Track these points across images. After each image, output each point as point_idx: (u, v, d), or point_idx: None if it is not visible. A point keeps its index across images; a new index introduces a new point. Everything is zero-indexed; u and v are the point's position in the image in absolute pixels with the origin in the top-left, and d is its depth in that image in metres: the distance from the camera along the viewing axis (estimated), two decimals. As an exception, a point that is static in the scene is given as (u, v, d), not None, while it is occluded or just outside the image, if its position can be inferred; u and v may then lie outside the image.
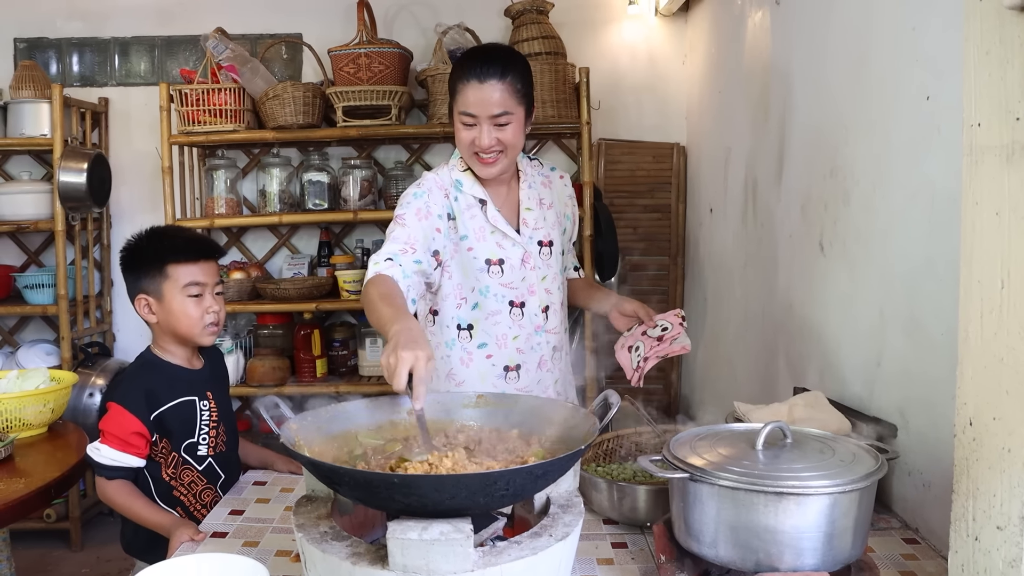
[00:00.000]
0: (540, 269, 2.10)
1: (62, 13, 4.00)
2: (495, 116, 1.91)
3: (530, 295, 2.08)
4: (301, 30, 3.95)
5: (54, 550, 3.71)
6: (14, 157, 4.04)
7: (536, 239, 2.10)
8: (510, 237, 2.06)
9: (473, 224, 2.04)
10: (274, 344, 3.78)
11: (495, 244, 2.05)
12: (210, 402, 2.07)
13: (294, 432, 1.31)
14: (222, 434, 2.09)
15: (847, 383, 1.99)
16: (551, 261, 2.12)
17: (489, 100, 1.90)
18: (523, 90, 1.95)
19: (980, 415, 1.01)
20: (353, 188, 3.73)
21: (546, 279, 2.11)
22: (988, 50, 0.98)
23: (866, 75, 1.92)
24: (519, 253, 2.07)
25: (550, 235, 2.12)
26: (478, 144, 1.94)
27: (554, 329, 2.13)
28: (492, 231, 2.05)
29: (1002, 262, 0.97)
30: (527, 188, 2.12)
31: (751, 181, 2.84)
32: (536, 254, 2.10)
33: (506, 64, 1.93)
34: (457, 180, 2.06)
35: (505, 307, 2.07)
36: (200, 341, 2.06)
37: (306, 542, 1.18)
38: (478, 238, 2.04)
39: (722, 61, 3.30)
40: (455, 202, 2.05)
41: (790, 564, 1.21)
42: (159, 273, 2.00)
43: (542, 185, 2.16)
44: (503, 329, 2.08)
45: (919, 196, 1.67)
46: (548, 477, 1.21)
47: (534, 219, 2.10)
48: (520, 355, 2.09)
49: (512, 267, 2.06)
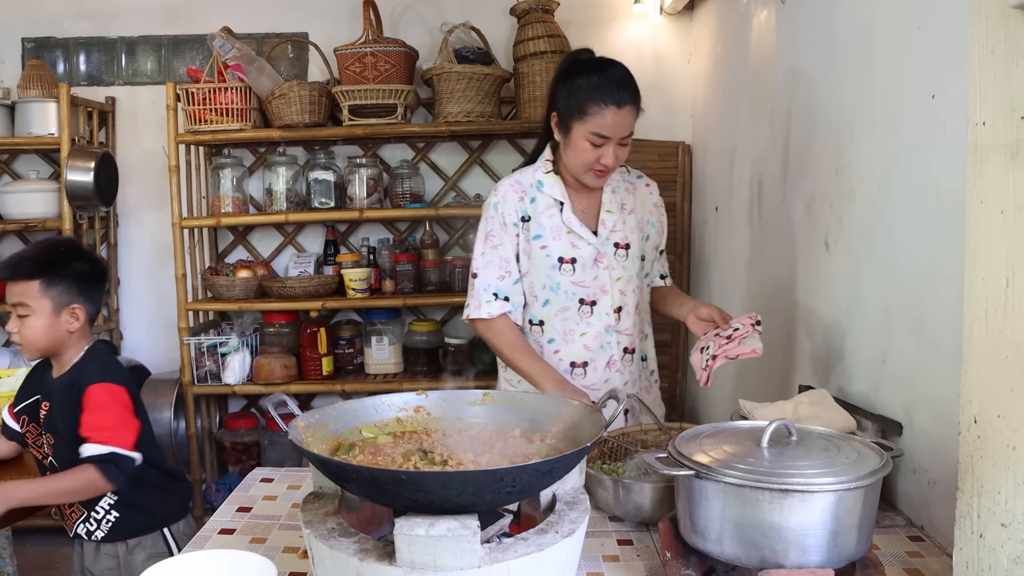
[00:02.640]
0: (615, 270, 2.16)
1: (69, 13, 4.01)
2: (623, 138, 2.03)
3: (602, 294, 2.15)
4: (307, 29, 3.96)
5: (60, 548, 3.72)
6: (22, 156, 4.05)
7: (613, 240, 2.17)
8: (584, 238, 2.14)
9: (549, 223, 2.14)
10: (280, 342, 3.80)
11: (569, 243, 2.14)
12: (42, 409, 2.16)
13: (301, 429, 1.31)
14: (48, 445, 2.17)
15: (852, 381, 1.99)
16: (627, 263, 2.18)
17: (623, 124, 2.01)
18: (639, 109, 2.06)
19: (985, 413, 1.02)
20: (359, 187, 3.74)
21: (620, 280, 2.17)
22: (993, 49, 0.98)
23: (871, 73, 1.92)
24: (592, 253, 2.15)
25: (628, 238, 2.18)
26: (603, 162, 2.03)
27: (626, 331, 2.19)
28: (567, 231, 2.14)
29: (1007, 260, 0.97)
30: (610, 192, 2.19)
31: (756, 179, 2.84)
32: (611, 255, 2.16)
33: (634, 86, 2.04)
34: (539, 181, 2.16)
35: (575, 304, 2.15)
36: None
37: (314, 538, 1.19)
38: (553, 237, 2.14)
39: (727, 60, 3.30)
40: (531, 203, 2.16)
41: (795, 561, 1.21)
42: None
43: (625, 191, 2.22)
44: (571, 326, 2.16)
45: (924, 194, 1.67)
46: (554, 474, 1.22)
47: (613, 221, 2.17)
48: (587, 352, 2.16)
49: (584, 266, 2.14)
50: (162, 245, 3.98)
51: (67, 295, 2.12)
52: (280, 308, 3.69)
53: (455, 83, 3.51)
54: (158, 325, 4.07)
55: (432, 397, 1.50)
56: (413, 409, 1.49)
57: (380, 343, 3.76)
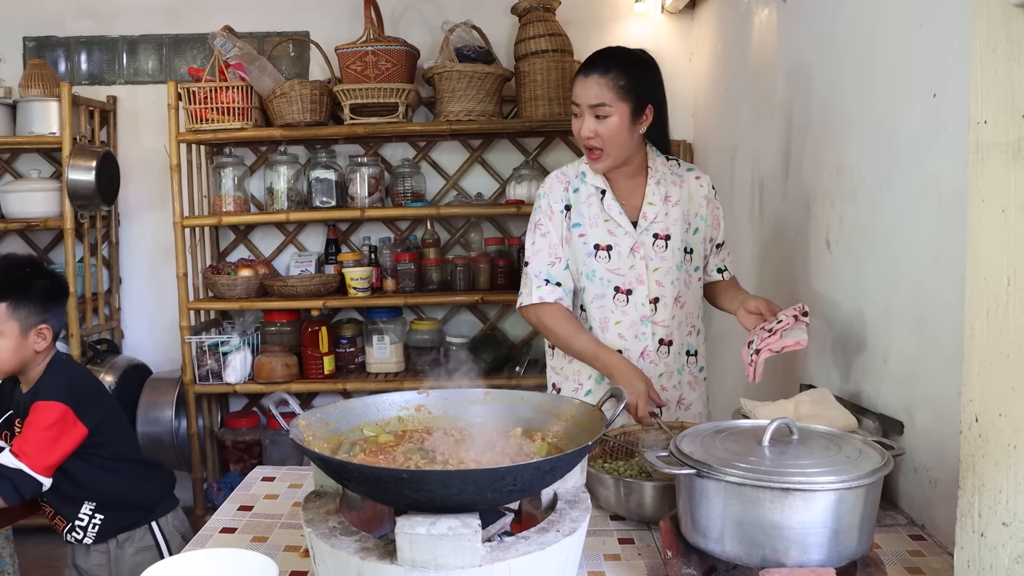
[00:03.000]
0: (652, 260, 2.16)
1: (71, 12, 4.01)
2: (592, 107, 2.06)
3: (638, 284, 2.16)
4: (308, 28, 3.96)
5: (61, 546, 3.71)
6: (23, 155, 4.06)
7: (652, 231, 2.17)
8: (622, 226, 2.16)
9: (589, 212, 2.17)
10: (282, 341, 3.80)
11: (606, 231, 2.16)
12: (15, 425, 2.16)
13: (303, 428, 1.32)
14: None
15: (853, 380, 1.99)
16: (666, 255, 2.17)
17: (588, 92, 2.06)
18: (627, 87, 2.06)
19: (986, 412, 1.02)
20: (360, 185, 3.74)
21: (658, 271, 2.17)
22: (995, 47, 0.98)
23: (873, 72, 1.91)
24: (629, 242, 2.16)
25: (669, 230, 2.17)
26: (580, 133, 2.10)
27: (663, 322, 2.17)
28: (606, 219, 2.17)
29: (1008, 259, 0.97)
30: (654, 184, 2.19)
31: (758, 178, 2.84)
32: (649, 245, 2.16)
33: (613, 62, 2.08)
34: (582, 172, 2.21)
35: (610, 292, 2.17)
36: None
37: (315, 537, 1.19)
38: (591, 224, 2.17)
39: (728, 58, 3.30)
40: (574, 193, 2.20)
41: (796, 560, 1.21)
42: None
43: (672, 183, 2.21)
44: (606, 313, 2.18)
45: (925, 193, 1.67)
46: (555, 473, 1.22)
47: (654, 213, 2.17)
48: (622, 341, 2.17)
49: (620, 254, 2.16)
50: (163, 244, 3.98)
51: (34, 315, 2.10)
52: (281, 307, 3.69)
53: (456, 82, 3.51)
54: (159, 324, 4.07)
55: (433, 396, 1.51)
56: (414, 408, 1.49)
57: (381, 342, 3.76)
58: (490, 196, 3.96)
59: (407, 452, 1.33)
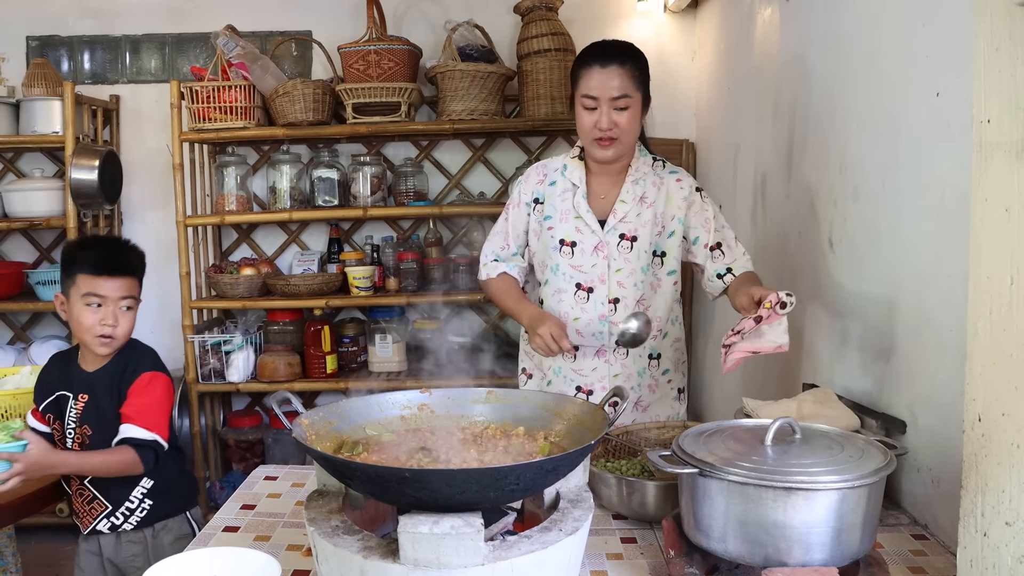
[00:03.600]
0: (615, 261, 2.16)
1: (74, 11, 4.01)
2: (615, 99, 2.05)
3: (599, 283, 2.17)
4: (311, 27, 3.96)
5: (65, 544, 3.73)
6: (26, 154, 4.06)
7: (619, 231, 2.16)
8: (588, 224, 2.17)
9: (562, 206, 2.20)
10: (284, 340, 3.80)
11: (574, 227, 2.18)
12: (78, 403, 2.18)
13: (306, 427, 1.32)
14: (87, 438, 2.16)
15: (856, 379, 1.99)
16: (630, 256, 2.16)
17: (610, 84, 2.04)
18: (641, 78, 2.09)
19: (989, 411, 1.02)
20: (363, 185, 3.74)
21: (620, 272, 2.17)
22: (998, 46, 0.98)
23: (876, 71, 1.91)
24: (594, 240, 2.17)
25: (637, 231, 2.16)
26: (599, 125, 2.07)
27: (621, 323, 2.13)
28: (575, 215, 2.18)
29: (1011, 258, 0.97)
30: (631, 183, 2.18)
31: (760, 177, 2.83)
32: (614, 245, 2.16)
33: (627, 52, 2.09)
34: (564, 165, 2.25)
35: (571, 288, 2.19)
36: (92, 349, 2.17)
37: (318, 536, 1.19)
38: (561, 219, 2.19)
39: (731, 57, 3.30)
40: (550, 186, 2.24)
41: (799, 559, 1.21)
42: (69, 278, 2.17)
43: (652, 184, 2.19)
44: (566, 308, 2.19)
45: (929, 192, 1.67)
46: (558, 472, 1.22)
47: (624, 212, 2.16)
48: (579, 337, 2.17)
49: (583, 251, 2.17)
50: (166, 243, 3.98)
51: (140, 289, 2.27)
52: (284, 306, 3.69)
53: (459, 81, 3.51)
54: (162, 323, 4.06)
55: (436, 395, 1.51)
56: (417, 407, 1.49)
57: (384, 341, 3.76)
58: (492, 195, 3.96)
59: (410, 451, 1.33)
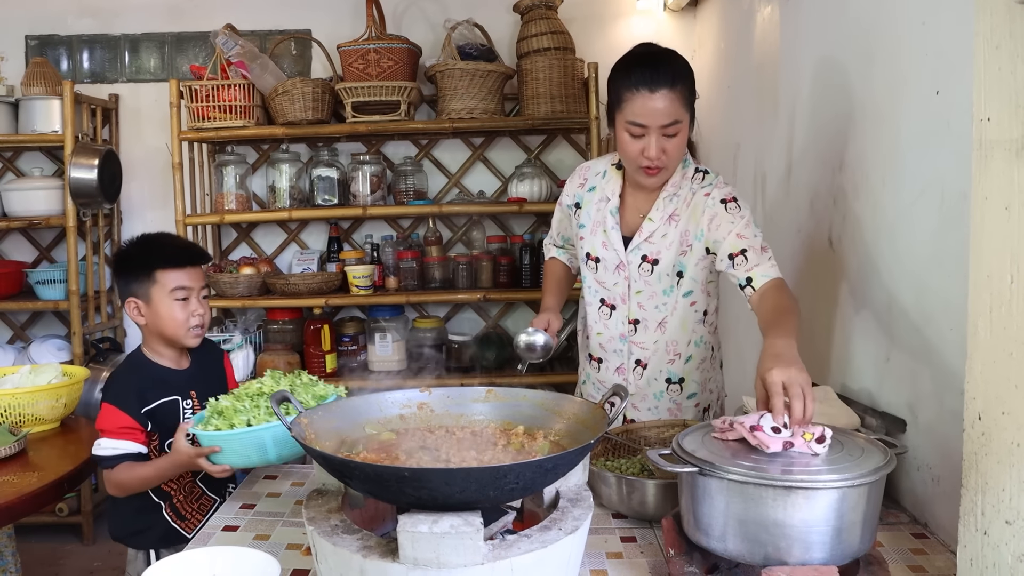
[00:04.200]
0: (636, 282, 2.04)
1: (73, 10, 4.01)
2: (665, 126, 1.85)
3: (621, 302, 2.08)
4: (310, 26, 3.96)
5: (65, 544, 3.73)
6: (26, 153, 4.06)
7: (641, 252, 2.02)
8: (612, 242, 2.05)
9: (596, 216, 2.09)
10: (284, 339, 3.80)
11: (600, 242, 2.08)
12: (193, 401, 2.11)
13: (305, 426, 1.32)
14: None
15: (856, 378, 1.99)
16: (651, 279, 2.02)
17: (659, 110, 1.83)
18: (690, 97, 1.89)
19: (989, 410, 1.02)
20: (362, 183, 3.74)
21: (641, 294, 2.04)
22: (998, 45, 0.98)
23: (875, 69, 1.91)
24: (616, 260, 2.06)
25: (660, 253, 2.00)
26: (647, 154, 1.87)
27: (641, 344, 2.07)
28: (604, 230, 2.07)
29: (1011, 256, 0.97)
30: (664, 199, 2.00)
31: (760, 176, 2.83)
32: (635, 266, 2.03)
33: (676, 71, 1.86)
34: (605, 170, 2.12)
35: (596, 301, 2.13)
36: (185, 342, 2.11)
37: (317, 535, 1.19)
38: (592, 231, 2.10)
39: (731, 56, 3.30)
40: (588, 192, 2.12)
41: (799, 558, 1.21)
42: (148, 278, 2.06)
43: (683, 201, 2.00)
44: (591, 321, 2.15)
45: (928, 191, 1.66)
46: (558, 471, 1.22)
47: (650, 231, 2.00)
48: (601, 350, 2.15)
49: (606, 268, 2.08)
50: (166, 242, 3.98)
51: None
52: (283, 305, 3.69)
53: (458, 80, 3.51)
54: (162, 322, 4.07)
55: (435, 394, 1.51)
56: (416, 406, 1.49)
57: (384, 340, 3.76)
58: (492, 194, 3.96)
59: (409, 450, 1.33)
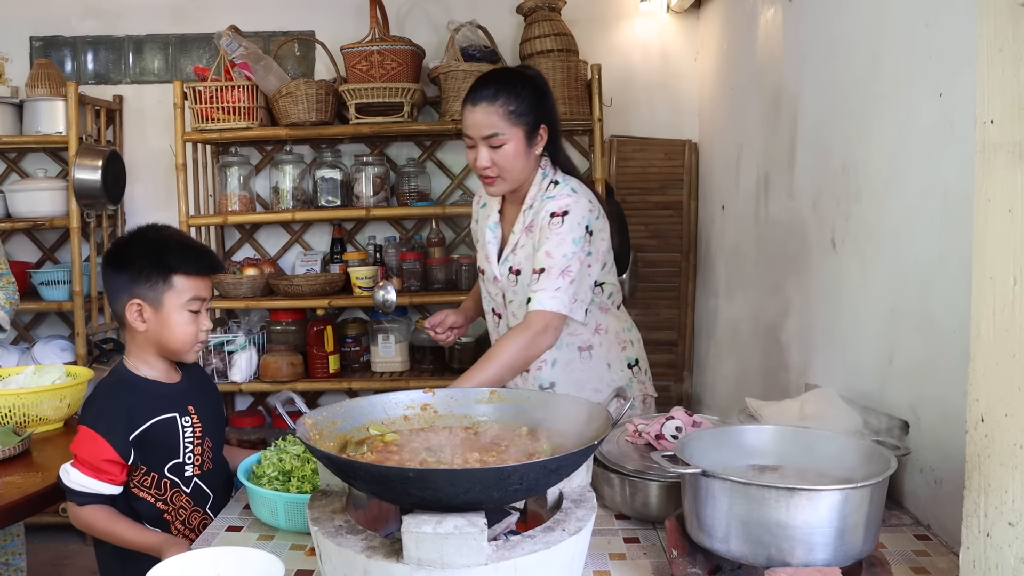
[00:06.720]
0: (508, 293, 2.17)
1: (77, 12, 4.02)
2: (486, 137, 1.99)
3: (503, 311, 2.21)
4: (314, 27, 3.96)
5: (69, 544, 3.74)
6: (30, 154, 4.07)
7: (508, 264, 2.15)
8: (489, 255, 2.20)
9: (481, 230, 2.25)
10: (287, 340, 3.80)
11: (484, 255, 2.22)
12: (192, 417, 1.89)
13: (309, 427, 1.32)
14: (208, 450, 1.92)
15: (859, 379, 1.99)
16: (517, 289, 2.14)
17: (478, 122, 1.99)
18: (517, 111, 1.98)
19: (992, 411, 1.02)
20: (366, 185, 3.74)
21: (512, 303, 2.17)
22: (1001, 47, 0.98)
23: (878, 72, 1.91)
24: (492, 272, 2.20)
25: (521, 264, 2.12)
26: (475, 164, 2.04)
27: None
28: (484, 243, 2.22)
29: (1014, 259, 0.97)
30: (524, 212, 2.11)
31: (763, 178, 2.83)
32: (505, 277, 2.16)
33: (502, 88, 1.99)
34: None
35: (489, 310, 2.26)
36: (186, 358, 1.91)
37: (321, 536, 1.19)
38: (481, 245, 2.25)
39: (734, 58, 3.30)
40: (482, 208, 2.27)
41: (802, 559, 1.21)
42: (163, 281, 1.83)
43: (536, 213, 2.08)
44: (489, 329, 2.31)
45: (931, 193, 1.66)
46: (561, 472, 1.22)
47: (514, 243, 2.14)
48: None
49: (487, 279, 2.22)
50: (169, 243, 3.99)
51: None
52: (287, 306, 3.69)
53: (462, 81, 3.51)
54: (165, 323, 4.07)
55: (439, 395, 1.51)
56: (420, 407, 1.49)
57: (386, 341, 3.76)
58: (495, 195, 3.96)
59: (413, 451, 1.33)
